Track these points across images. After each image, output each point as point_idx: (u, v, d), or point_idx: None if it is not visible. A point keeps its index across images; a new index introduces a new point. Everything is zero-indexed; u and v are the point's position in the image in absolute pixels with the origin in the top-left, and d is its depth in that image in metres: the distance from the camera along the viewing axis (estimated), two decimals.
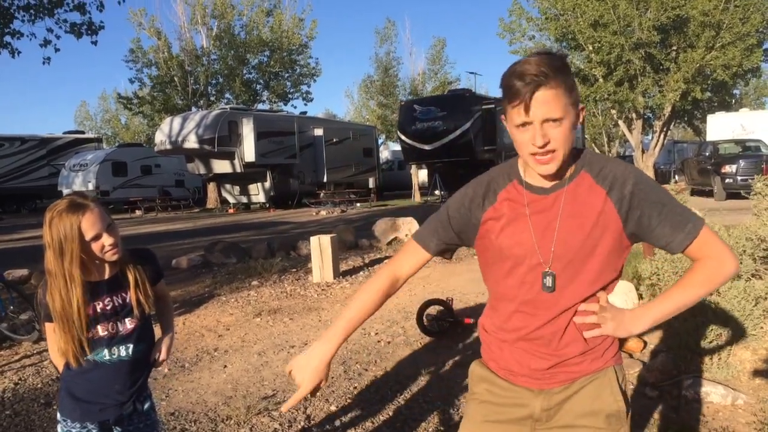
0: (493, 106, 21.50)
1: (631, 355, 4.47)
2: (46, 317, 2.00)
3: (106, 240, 1.92)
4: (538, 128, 1.44)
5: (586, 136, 34.83)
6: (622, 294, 5.56)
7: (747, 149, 19.72)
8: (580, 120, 1.52)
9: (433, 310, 5.64)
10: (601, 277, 1.57)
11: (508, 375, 1.66)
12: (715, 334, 4.28)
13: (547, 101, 1.42)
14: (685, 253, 1.56)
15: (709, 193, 18.37)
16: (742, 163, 17.36)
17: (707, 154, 19.58)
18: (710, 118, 23.90)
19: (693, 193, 19.86)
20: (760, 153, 18.98)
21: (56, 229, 1.87)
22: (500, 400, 1.69)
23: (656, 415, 3.63)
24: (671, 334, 4.51)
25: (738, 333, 4.25)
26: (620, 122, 25.02)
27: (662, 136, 24.35)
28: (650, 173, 23.02)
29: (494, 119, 21.28)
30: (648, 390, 3.94)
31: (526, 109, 1.43)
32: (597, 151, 46.26)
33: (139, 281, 2.06)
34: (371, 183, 27.67)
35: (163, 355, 2.21)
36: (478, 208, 1.62)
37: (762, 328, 4.30)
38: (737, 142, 20.61)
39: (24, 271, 8.91)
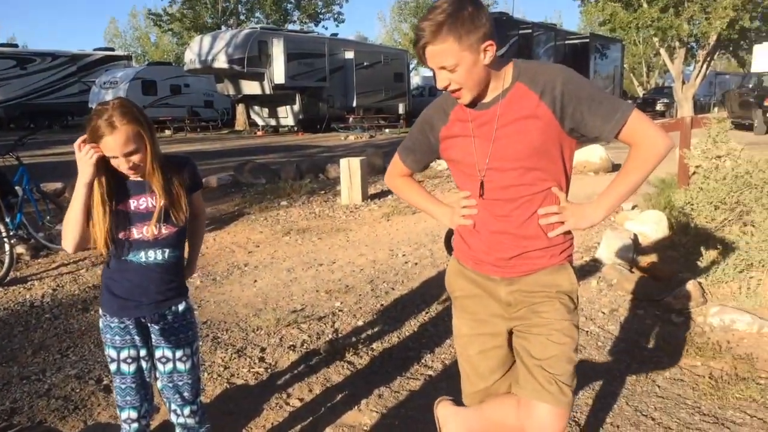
0: (530, 31, 20.79)
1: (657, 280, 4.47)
2: None
3: (122, 164, 1.92)
4: (438, 74, 1.68)
5: (624, 66, 33.65)
6: (653, 224, 5.51)
7: None
8: (489, 56, 1.64)
9: None
10: (546, 175, 1.75)
11: (476, 265, 1.88)
12: (745, 264, 4.24)
13: (435, 55, 1.64)
14: (618, 139, 1.71)
15: (749, 127, 17.76)
16: None
17: (750, 86, 18.75)
18: (757, 48, 22.73)
19: (733, 126, 19.18)
20: None
21: (88, 132, 1.89)
22: (474, 291, 1.91)
23: (680, 340, 3.65)
24: (696, 262, 4.48)
25: None
26: (662, 51, 23.97)
27: (705, 66, 23.33)
28: (689, 105, 22.27)
29: (531, 45, 20.62)
30: (674, 317, 3.96)
31: (425, 62, 1.68)
32: (635, 82, 44.45)
33: (174, 189, 2.05)
34: (401, 109, 27.14)
35: (189, 275, 2.37)
36: (435, 129, 1.88)
37: None
38: None
39: (58, 185, 9.11)
